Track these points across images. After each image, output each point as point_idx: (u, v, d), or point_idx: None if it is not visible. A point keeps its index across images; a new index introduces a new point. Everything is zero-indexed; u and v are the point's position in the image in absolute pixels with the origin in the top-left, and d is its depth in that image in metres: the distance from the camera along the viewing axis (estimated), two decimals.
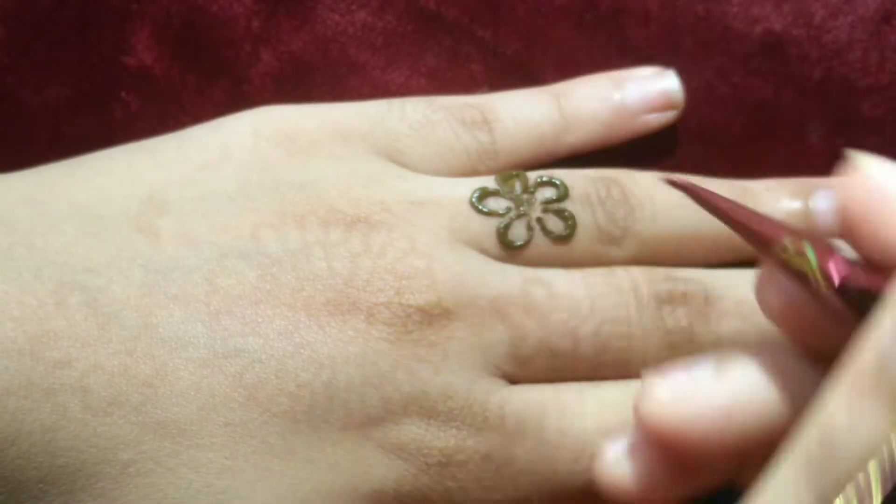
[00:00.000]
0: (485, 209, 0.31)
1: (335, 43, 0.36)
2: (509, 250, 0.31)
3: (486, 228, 0.31)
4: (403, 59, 0.36)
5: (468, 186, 0.31)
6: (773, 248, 0.20)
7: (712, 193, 0.22)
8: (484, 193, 0.31)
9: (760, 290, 0.22)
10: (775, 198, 0.34)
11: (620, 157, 0.34)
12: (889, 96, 0.36)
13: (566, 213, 0.31)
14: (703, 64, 0.36)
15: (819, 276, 0.19)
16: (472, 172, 0.33)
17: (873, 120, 0.36)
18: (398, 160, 0.32)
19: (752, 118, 0.36)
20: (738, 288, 0.31)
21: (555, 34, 0.36)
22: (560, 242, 0.31)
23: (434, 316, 0.29)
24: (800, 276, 0.20)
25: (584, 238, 0.31)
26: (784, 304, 0.21)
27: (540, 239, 0.31)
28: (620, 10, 0.36)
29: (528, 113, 0.34)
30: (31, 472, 0.25)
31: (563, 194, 0.32)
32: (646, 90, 0.34)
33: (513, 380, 0.30)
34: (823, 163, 0.36)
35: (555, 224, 0.31)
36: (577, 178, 0.32)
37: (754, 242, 0.21)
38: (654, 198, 0.33)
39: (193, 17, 0.36)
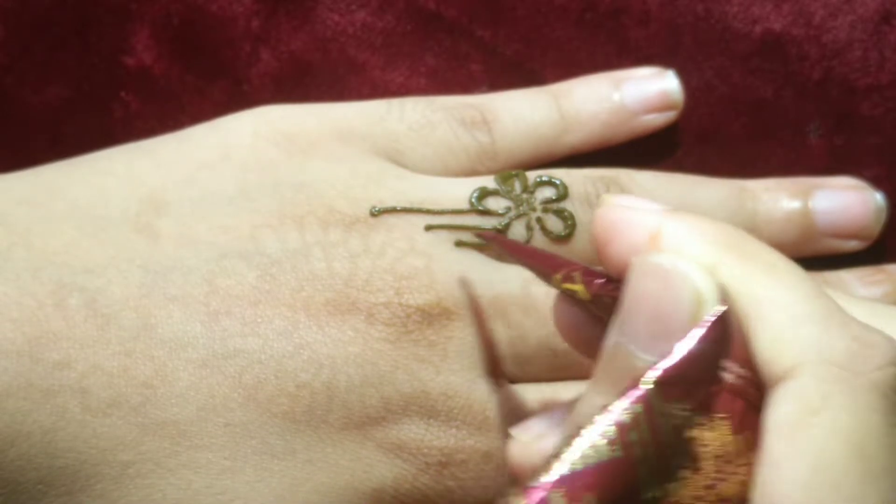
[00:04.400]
0: (484, 209, 0.31)
1: (335, 43, 0.36)
2: None
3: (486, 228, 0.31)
4: (403, 59, 0.36)
5: (468, 186, 0.31)
6: (553, 278, 0.25)
7: (511, 241, 0.28)
8: (483, 193, 0.31)
9: (554, 312, 0.26)
10: (775, 198, 0.34)
11: (620, 157, 0.34)
12: (889, 96, 0.35)
13: (566, 213, 0.31)
14: (703, 64, 0.36)
15: (583, 293, 0.24)
16: (472, 172, 0.33)
17: (873, 120, 0.36)
18: (397, 160, 0.32)
19: (752, 118, 0.36)
20: None
21: (555, 34, 0.36)
22: (560, 242, 0.31)
23: (434, 316, 0.29)
24: (571, 295, 0.24)
25: (583, 237, 0.31)
26: (564, 319, 0.26)
27: (539, 238, 0.31)
28: (620, 9, 0.36)
29: (527, 113, 0.34)
30: (30, 474, 0.25)
31: (563, 194, 0.32)
32: (645, 90, 0.34)
33: (513, 379, 0.30)
34: (823, 163, 0.36)
35: (554, 224, 0.31)
36: (576, 178, 0.32)
37: (541, 276, 0.26)
38: (654, 198, 0.32)
39: (193, 16, 0.36)
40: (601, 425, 0.21)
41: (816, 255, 0.34)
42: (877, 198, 0.34)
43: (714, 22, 0.36)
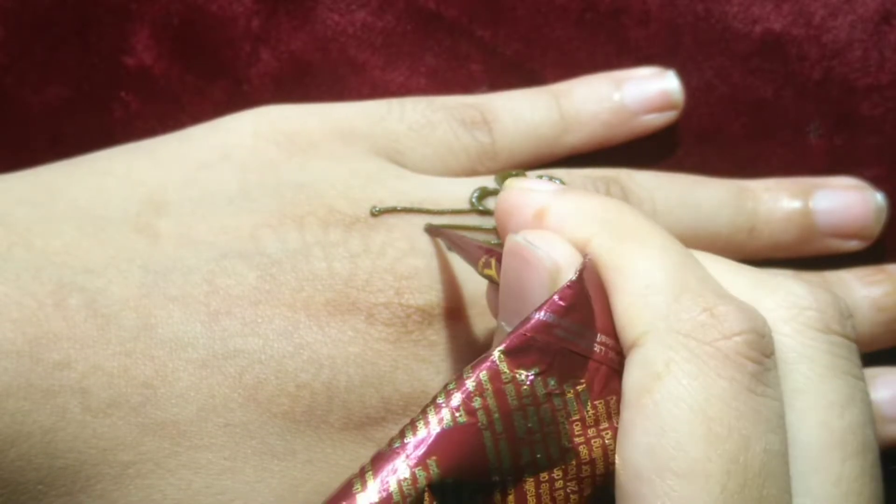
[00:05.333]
0: (484, 209, 0.31)
1: (335, 43, 0.36)
2: None
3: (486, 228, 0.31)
4: (403, 59, 0.36)
5: (468, 186, 0.31)
6: (478, 264, 0.26)
7: (450, 233, 0.29)
8: (484, 193, 0.31)
9: (486, 297, 0.27)
10: (775, 198, 0.34)
11: (620, 157, 0.34)
12: (889, 96, 0.35)
13: None
14: (703, 64, 0.36)
15: (497, 277, 0.25)
16: (472, 172, 0.33)
17: (873, 119, 0.36)
18: (398, 160, 0.32)
19: (752, 118, 0.36)
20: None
21: (555, 34, 0.36)
22: None
23: (434, 316, 0.29)
24: (491, 280, 0.25)
25: None
26: (493, 304, 0.26)
27: None
28: (620, 9, 0.36)
29: (527, 113, 0.34)
30: (30, 474, 0.25)
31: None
32: (646, 90, 0.34)
33: None
34: (823, 163, 0.36)
35: None
36: (576, 178, 0.32)
37: (469, 262, 0.27)
38: (655, 198, 0.33)
39: (193, 16, 0.36)
40: (450, 394, 0.21)
41: (817, 254, 0.34)
42: (877, 198, 0.34)
43: (714, 22, 0.36)
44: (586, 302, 0.22)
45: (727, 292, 0.23)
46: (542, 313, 0.22)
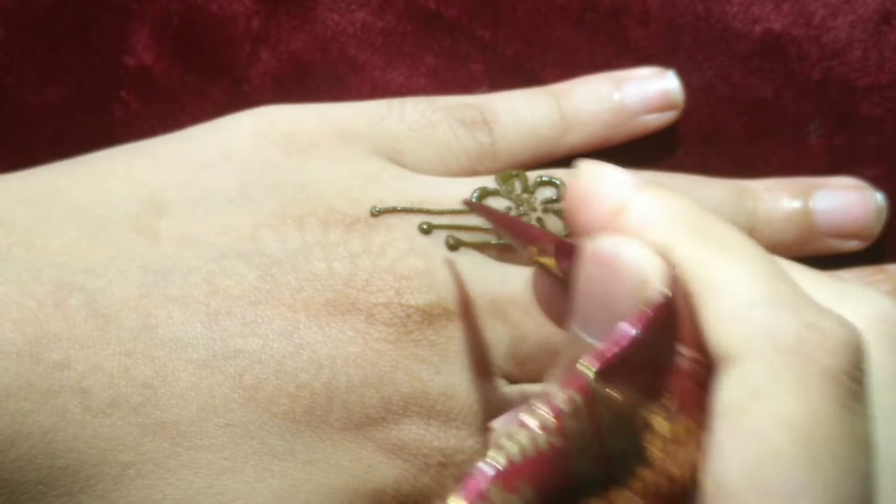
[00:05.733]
0: None
1: (335, 43, 0.36)
2: (509, 250, 0.31)
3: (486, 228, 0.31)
4: (403, 59, 0.36)
5: (468, 186, 0.31)
6: (529, 249, 0.25)
7: (494, 210, 0.28)
8: (484, 193, 0.31)
9: (532, 284, 0.26)
10: (775, 198, 0.34)
11: (620, 157, 0.34)
12: (889, 96, 0.35)
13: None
14: (703, 64, 0.36)
15: (554, 267, 0.24)
16: (472, 172, 0.33)
17: (873, 119, 0.36)
18: (398, 160, 0.32)
19: (752, 118, 0.36)
20: None
21: (555, 34, 0.36)
22: None
23: (434, 316, 0.29)
24: (545, 268, 0.24)
25: None
26: (541, 292, 0.26)
27: None
28: (620, 9, 0.36)
29: (527, 113, 0.34)
30: (30, 474, 0.25)
31: (563, 194, 0.32)
32: (646, 90, 0.34)
33: (513, 379, 0.30)
34: (823, 163, 0.36)
35: (555, 224, 0.31)
36: None
37: (518, 246, 0.26)
38: None
39: (193, 16, 0.36)
40: (540, 414, 0.20)
41: (817, 254, 0.34)
42: (877, 198, 0.34)
43: (714, 22, 0.36)
44: (675, 316, 0.21)
45: (823, 306, 0.22)
46: (633, 328, 0.21)
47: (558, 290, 0.25)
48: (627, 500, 0.21)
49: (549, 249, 0.24)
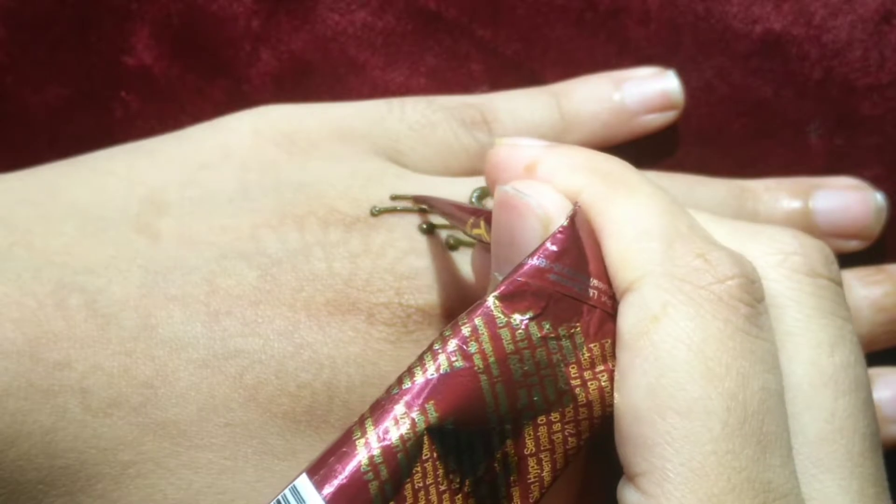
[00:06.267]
0: (484, 209, 0.31)
1: (335, 43, 0.36)
2: None
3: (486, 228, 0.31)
4: (403, 59, 0.36)
5: (468, 186, 0.31)
6: (466, 224, 0.26)
7: (432, 197, 0.29)
8: (484, 193, 0.31)
9: (472, 260, 0.28)
10: (775, 197, 0.34)
11: (620, 156, 0.34)
12: (889, 96, 0.35)
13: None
14: (703, 64, 0.36)
15: (485, 236, 0.25)
16: (472, 172, 0.33)
17: (873, 119, 0.36)
18: (398, 160, 0.32)
19: (752, 118, 0.36)
20: None
21: (554, 34, 0.36)
22: None
23: (434, 316, 0.29)
24: (480, 239, 0.26)
25: None
26: (478, 265, 0.28)
27: None
28: (620, 9, 0.36)
29: (527, 113, 0.34)
30: (30, 474, 0.25)
31: None
32: (646, 90, 0.34)
33: None
34: (823, 163, 0.36)
35: None
36: None
37: (457, 224, 0.27)
38: None
39: (193, 16, 0.36)
40: (446, 340, 0.22)
41: None
42: (877, 198, 0.34)
43: (714, 22, 0.36)
44: (578, 247, 0.23)
45: (717, 240, 0.23)
46: (535, 259, 0.22)
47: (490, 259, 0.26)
48: (545, 426, 0.22)
49: (481, 220, 0.26)
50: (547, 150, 0.25)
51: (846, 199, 0.34)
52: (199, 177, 0.30)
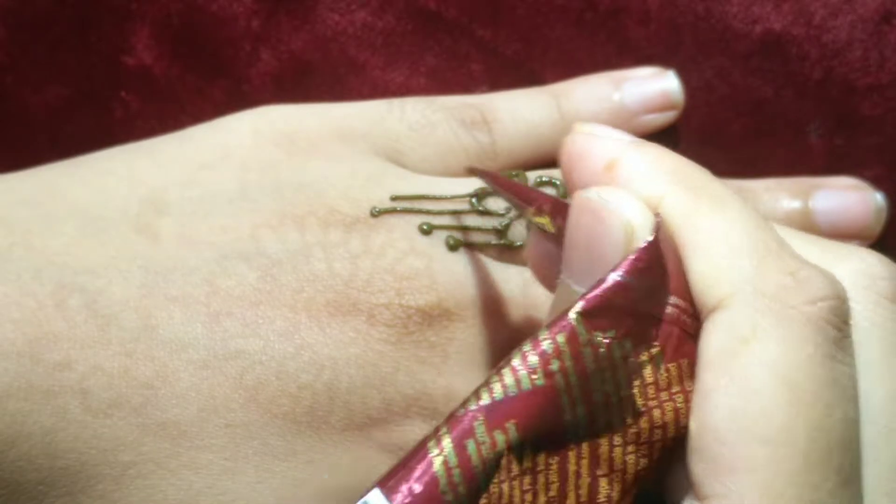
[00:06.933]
0: (484, 209, 0.31)
1: (335, 43, 0.36)
2: (509, 250, 0.31)
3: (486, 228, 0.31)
4: (403, 59, 0.36)
5: (468, 186, 0.31)
6: (527, 210, 0.25)
7: (494, 173, 0.29)
8: (483, 193, 0.31)
9: (528, 246, 0.27)
10: (775, 197, 0.34)
11: None
12: (889, 96, 0.35)
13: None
14: (703, 64, 0.36)
15: (549, 225, 0.25)
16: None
17: (873, 119, 0.36)
18: (398, 160, 0.32)
19: (752, 118, 0.36)
20: None
21: (554, 34, 0.36)
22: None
23: (434, 317, 0.29)
24: (541, 227, 0.25)
25: None
26: (535, 253, 0.26)
27: None
28: (620, 9, 0.36)
29: (527, 113, 0.34)
30: (30, 474, 0.25)
31: (563, 194, 0.32)
32: (645, 90, 0.34)
33: None
34: (823, 163, 0.36)
35: None
36: None
37: (515, 205, 0.27)
38: None
39: (193, 16, 0.36)
40: (526, 356, 0.21)
41: None
42: (877, 198, 0.34)
43: (714, 22, 0.36)
44: (661, 263, 0.22)
45: (805, 258, 0.23)
46: (619, 274, 0.21)
47: (552, 251, 0.25)
48: (620, 446, 0.22)
49: (546, 209, 0.25)
50: (629, 148, 0.24)
51: (846, 199, 0.34)
52: (200, 177, 0.30)
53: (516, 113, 0.34)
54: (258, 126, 0.32)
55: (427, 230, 0.30)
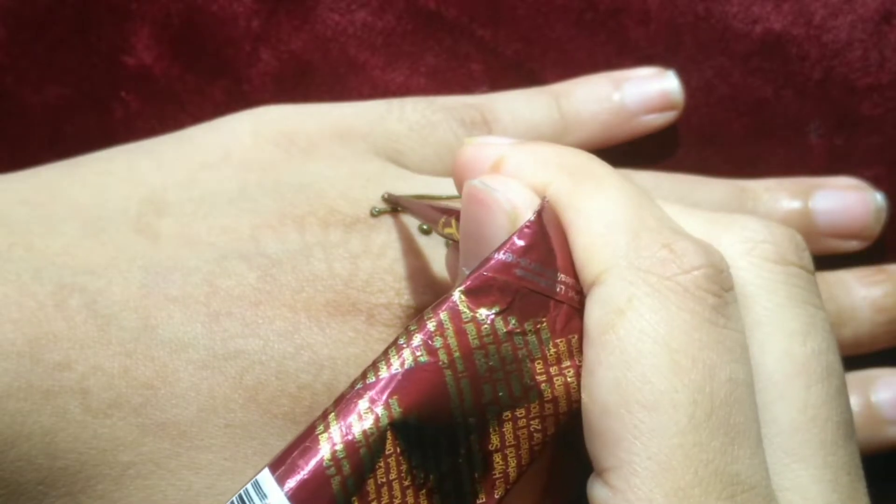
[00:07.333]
0: None
1: (335, 43, 0.36)
2: None
3: None
4: (403, 59, 0.36)
5: None
6: (438, 223, 0.26)
7: (402, 198, 0.29)
8: None
9: (446, 259, 0.28)
10: (775, 198, 0.34)
11: (620, 157, 0.34)
12: (889, 96, 0.35)
13: None
14: (703, 64, 0.36)
15: (457, 234, 0.25)
16: None
17: (873, 119, 0.36)
18: (398, 160, 0.32)
19: (752, 118, 0.36)
20: None
21: (555, 34, 0.36)
22: None
23: None
24: (451, 238, 0.26)
25: None
26: (451, 264, 0.27)
27: None
28: (620, 9, 0.36)
29: (527, 113, 0.34)
30: (30, 475, 0.25)
31: None
32: (645, 90, 0.34)
33: None
34: (823, 163, 0.36)
35: None
36: None
37: (429, 224, 0.27)
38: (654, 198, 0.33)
39: (193, 16, 0.36)
40: (412, 335, 0.22)
41: (817, 255, 0.34)
42: (877, 198, 0.34)
43: (714, 22, 0.36)
44: (546, 242, 0.23)
45: (684, 230, 0.23)
46: (501, 253, 0.22)
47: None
48: (510, 421, 0.22)
49: (451, 221, 0.26)
50: (513, 147, 0.25)
51: (846, 199, 0.34)
52: (199, 177, 0.30)
53: (516, 113, 0.34)
54: (258, 126, 0.32)
55: (427, 230, 0.30)
